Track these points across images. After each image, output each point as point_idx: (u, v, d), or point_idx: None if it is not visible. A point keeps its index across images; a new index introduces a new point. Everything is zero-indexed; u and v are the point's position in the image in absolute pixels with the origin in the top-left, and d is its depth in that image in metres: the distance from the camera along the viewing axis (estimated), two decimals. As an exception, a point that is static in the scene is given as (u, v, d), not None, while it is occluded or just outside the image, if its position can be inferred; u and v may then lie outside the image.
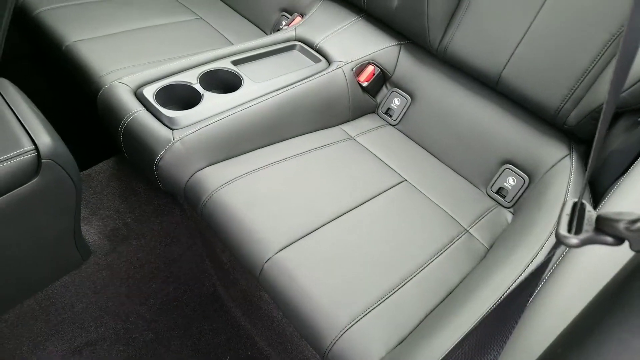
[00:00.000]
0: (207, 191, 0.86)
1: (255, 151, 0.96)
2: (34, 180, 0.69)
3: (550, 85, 0.90)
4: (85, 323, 0.99)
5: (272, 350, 0.89)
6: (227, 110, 0.93)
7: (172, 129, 0.89)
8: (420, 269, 0.80)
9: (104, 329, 0.99)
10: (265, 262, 0.76)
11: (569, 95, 0.88)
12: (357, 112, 1.14)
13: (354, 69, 1.11)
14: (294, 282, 0.73)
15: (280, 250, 0.76)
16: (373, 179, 0.95)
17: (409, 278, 0.78)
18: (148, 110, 0.92)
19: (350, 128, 1.10)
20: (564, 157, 0.93)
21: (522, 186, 0.97)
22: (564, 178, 0.89)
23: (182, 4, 1.40)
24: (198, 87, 0.97)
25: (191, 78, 0.99)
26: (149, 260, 1.07)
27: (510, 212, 0.98)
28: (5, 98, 0.77)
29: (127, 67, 1.07)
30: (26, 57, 1.25)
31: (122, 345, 0.99)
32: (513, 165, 0.99)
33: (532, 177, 0.97)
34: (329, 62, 1.12)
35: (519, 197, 0.97)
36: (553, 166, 0.93)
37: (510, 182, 0.98)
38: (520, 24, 0.93)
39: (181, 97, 0.97)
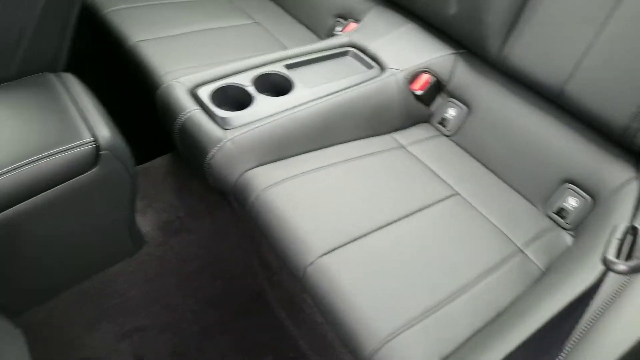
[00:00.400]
0: (256, 191, 0.89)
1: (304, 154, 0.99)
2: (92, 170, 0.75)
3: (618, 101, 0.87)
4: (136, 309, 1.06)
5: (314, 354, 0.91)
6: (278, 113, 0.96)
7: (225, 129, 0.93)
8: (470, 286, 0.79)
9: (154, 317, 1.06)
10: (308, 265, 0.77)
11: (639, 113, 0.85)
12: (409, 121, 1.14)
13: (407, 77, 1.11)
14: (335, 288, 0.74)
15: (324, 255, 0.78)
16: (423, 190, 0.95)
17: (457, 295, 0.77)
18: (203, 109, 0.96)
19: (402, 137, 1.10)
20: (632, 179, 0.89)
21: (584, 208, 0.93)
22: (631, 201, 0.85)
23: (241, 9, 1.46)
24: (251, 89, 1.01)
25: (245, 80, 1.03)
26: (199, 255, 1.13)
27: (571, 234, 0.94)
28: (70, 92, 0.84)
29: (185, 68, 1.13)
30: (92, 54, 1.35)
31: (170, 334, 1.05)
32: (575, 185, 0.96)
33: (596, 198, 0.93)
34: (382, 68, 1.13)
35: (581, 220, 0.94)
36: (619, 188, 0.89)
37: (572, 202, 0.95)
38: (586, 35, 0.90)
39: (234, 98, 1.01)
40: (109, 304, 1.04)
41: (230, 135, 0.92)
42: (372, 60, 1.15)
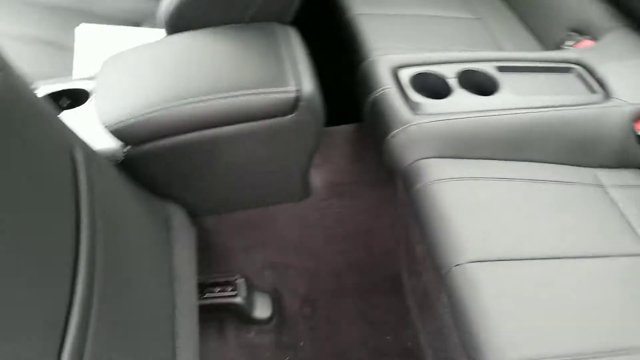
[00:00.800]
0: (425, 180, 0.96)
1: (487, 160, 1.02)
2: (289, 116, 0.90)
3: None
4: (286, 248, 1.27)
5: (431, 352, 0.96)
6: (474, 111, 1.01)
7: (414, 113, 1.01)
8: (625, 353, 0.75)
9: (299, 260, 1.26)
10: (455, 265, 0.82)
11: None
12: (620, 162, 1.08)
13: (635, 113, 1.06)
14: (476, 297, 0.77)
15: (475, 262, 0.82)
16: (609, 237, 0.91)
17: (605, 356, 0.74)
18: (399, 89, 1.06)
19: (605, 176, 1.06)
20: None
21: None
22: None
23: (468, 2, 1.52)
24: (453, 81, 1.08)
25: (449, 72, 1.09)
26: (353, 222, 1.30)
27: None
28: (289, 43, 1.01)
29: (393, 47, 1.24)
30: (315, 15, 1.58)
31: (307, 281, 1.24)
32: None
33: None
34: (607, 96, 1.09)
35: None
36: None
37: None
38: None
39: (432, 87, 1.08)
40: (266, 235, 1.25)
41: (418, 120, 1.00)
42: (598, 84, 1.12)
